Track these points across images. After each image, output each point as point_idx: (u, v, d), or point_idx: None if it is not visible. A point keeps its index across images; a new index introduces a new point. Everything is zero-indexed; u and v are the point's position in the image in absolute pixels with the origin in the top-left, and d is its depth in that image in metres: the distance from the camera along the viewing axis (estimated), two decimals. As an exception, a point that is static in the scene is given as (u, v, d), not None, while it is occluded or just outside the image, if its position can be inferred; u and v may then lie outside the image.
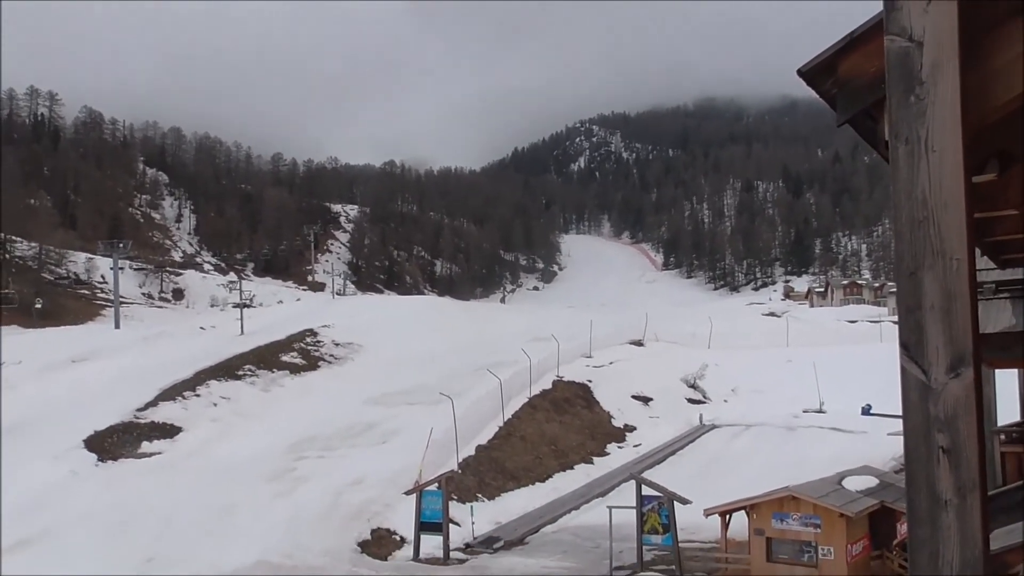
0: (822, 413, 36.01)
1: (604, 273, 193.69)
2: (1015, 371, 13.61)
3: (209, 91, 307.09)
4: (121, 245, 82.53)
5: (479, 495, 27.73)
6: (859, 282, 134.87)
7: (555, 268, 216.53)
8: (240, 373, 38.82)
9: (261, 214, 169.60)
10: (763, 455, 30.46)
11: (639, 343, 49.84)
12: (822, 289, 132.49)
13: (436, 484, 23.26)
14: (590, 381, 40.39)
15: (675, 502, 19.50)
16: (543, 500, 28.47)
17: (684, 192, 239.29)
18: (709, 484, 24.76)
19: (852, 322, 70.06)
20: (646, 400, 39.89)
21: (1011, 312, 8.88)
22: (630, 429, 37.01)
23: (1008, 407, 14.65)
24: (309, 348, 44.99)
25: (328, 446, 30.09)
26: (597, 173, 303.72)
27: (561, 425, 35.50)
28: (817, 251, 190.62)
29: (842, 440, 30.62)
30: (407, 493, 24.16)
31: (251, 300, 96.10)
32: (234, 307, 75.26)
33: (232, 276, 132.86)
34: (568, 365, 41.06)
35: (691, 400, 40.98)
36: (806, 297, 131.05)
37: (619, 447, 35.17)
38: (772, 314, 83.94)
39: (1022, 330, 8.56)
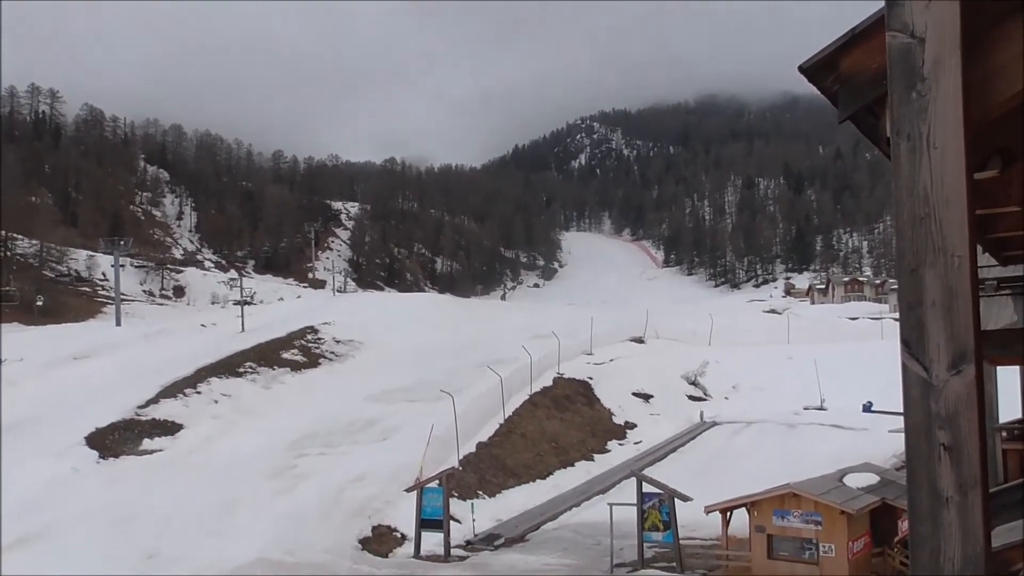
0: (823, 410, 35.97)
1: (605, 270, 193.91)
2: (1016, 368, 13.59)
3: (210, 89, 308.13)
4: (122, 242, 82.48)
5: (480, 492, 27.75)
6: (860, 279, 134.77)
7: (556, 265, 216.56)
8: (241, 370, 38.90)
9: (262, 211, 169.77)
10: (764, 452, 30.45)
11: (640, 340, 49.83)
12: (823, 286, 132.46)
13: (437, 481, 23.25)
14: (591, 378, 40.39)
15: (676, 499, 19.52)
16: (544, 497, 28.50)
17: (685, 189, 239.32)
18: (710, 481, 24.75)
19: (853, 319, 70.15)
20: (647, 397, 39.88)
21: (1012, 309, 8.88)
22: (631, 426, 37.01)
23: (1009, 404, 14.61)
24: (310, 345, 45.05)
25: (329, 443, 30.10)
26: (598, 170, 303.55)
27: (562, 422, 35.52)
28: (818, 248, 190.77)
29: (843, 437, 30.60)
30: (408, 490, 24.17)
31: (252, 297, 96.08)
32: (235, 304, 75.33)
33: (233, 273, 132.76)
34: (569, 362, 41.06)
35: (692, 397, 40.96)
36: (807, 294, 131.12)
37: (620, 444, 35.17)
38: (773, 311, 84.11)
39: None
